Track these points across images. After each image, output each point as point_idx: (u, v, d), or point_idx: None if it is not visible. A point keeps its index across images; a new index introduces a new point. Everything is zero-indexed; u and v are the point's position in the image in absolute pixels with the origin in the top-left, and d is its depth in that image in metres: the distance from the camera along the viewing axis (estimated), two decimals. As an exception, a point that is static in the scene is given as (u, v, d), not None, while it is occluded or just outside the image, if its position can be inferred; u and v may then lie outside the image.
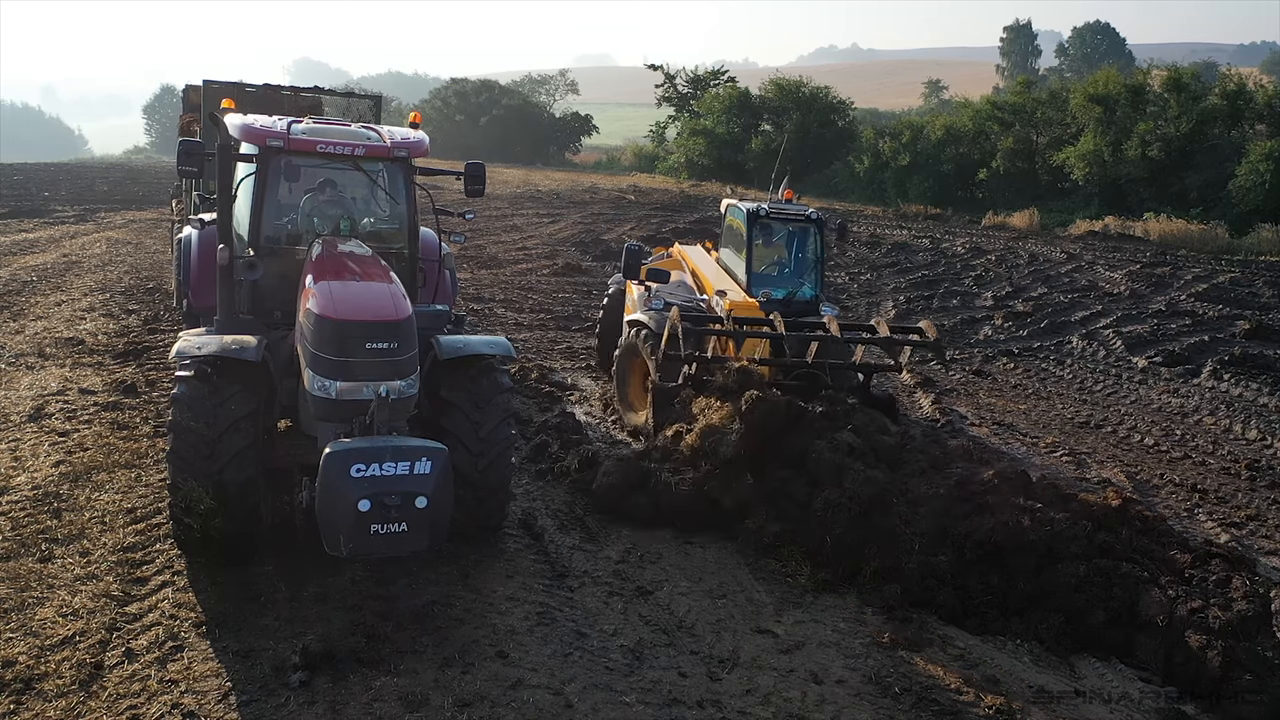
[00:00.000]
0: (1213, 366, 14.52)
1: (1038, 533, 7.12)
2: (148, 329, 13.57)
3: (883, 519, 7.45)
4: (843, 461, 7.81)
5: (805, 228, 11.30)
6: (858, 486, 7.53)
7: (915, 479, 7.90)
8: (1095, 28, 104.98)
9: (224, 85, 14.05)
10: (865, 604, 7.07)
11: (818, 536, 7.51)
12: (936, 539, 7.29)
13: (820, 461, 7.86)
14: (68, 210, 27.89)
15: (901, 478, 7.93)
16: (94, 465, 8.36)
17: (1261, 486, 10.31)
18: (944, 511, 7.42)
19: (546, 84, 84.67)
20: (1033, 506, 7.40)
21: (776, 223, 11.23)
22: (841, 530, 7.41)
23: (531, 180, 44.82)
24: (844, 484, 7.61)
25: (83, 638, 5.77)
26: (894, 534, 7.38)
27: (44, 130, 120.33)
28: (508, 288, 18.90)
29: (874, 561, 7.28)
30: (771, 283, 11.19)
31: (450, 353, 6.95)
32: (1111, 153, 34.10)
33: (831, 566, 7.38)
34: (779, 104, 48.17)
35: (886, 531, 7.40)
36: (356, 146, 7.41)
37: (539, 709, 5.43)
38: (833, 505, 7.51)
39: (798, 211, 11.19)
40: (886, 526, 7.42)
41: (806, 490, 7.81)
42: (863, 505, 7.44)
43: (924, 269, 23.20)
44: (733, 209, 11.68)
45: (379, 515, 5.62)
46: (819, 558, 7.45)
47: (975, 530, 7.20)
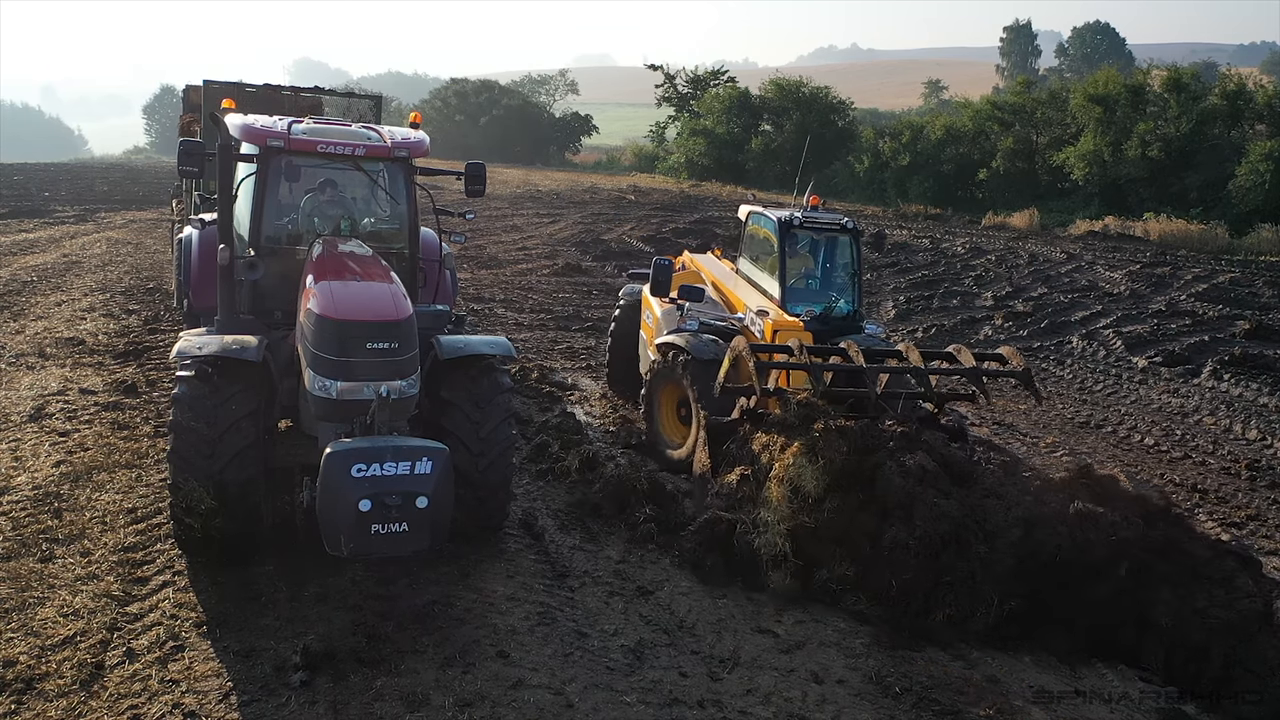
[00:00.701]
0: (1213, 366, 14.52)
1: (1104, 547, 6.66)
2: (148, 329, 13.57)
3: (957, 559, 6.70)
4: (913, 490, 6.96)
5: (840, 237, 10.32)
6: (929, 524, 6.75)
7: (990, 499, 7.09)
8: (1095, 28, 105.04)
9: (224, 85, 14.06)
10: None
11: (885, 579, 6.79)
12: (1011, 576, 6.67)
13: (889, 488, 7.01)
14: (68, 210, 27.90)
15: (975, 498, 7.10)
16: (95, 465, 8.36)
17: (1261, 486, 10.31)
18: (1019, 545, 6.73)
19: (546, 84, 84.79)
20: (1098, 514, 6.85)
21: (808, 232, 10.21)
22: (911, 575, 6.70)
23: (531, 180, 44.83)
24: (914, 519, 6.81)
25: (83, 638, 5.77)
26: (970, 578, 6.66)
27: (44, 130, 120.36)
28: (508, 288, 18.91)
29: (946, 608, 6.65)
30: (802, 297, 10.12)
31: (451, 353, 6.95)
32: (1111, 153, 34.11)
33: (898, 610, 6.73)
34: (779, 104, 48.20)
35: (960, 576, 6.67)
36: (357, 147, 7.41)
37: (540, 709, 5.43)
38: (900, 546, 6.75)
39: (832, 220, 10.21)
40: (961, 571, 6.68)
41: (876, 522, 6.97)
42: (933, 548, 6.69)
43: (924, 269, 23.20)
44: (757, 217, 10.64)
45: (380, 515, 5.62)
46: (886, 600, 6.77)
47: (1041, 550, 6.70)
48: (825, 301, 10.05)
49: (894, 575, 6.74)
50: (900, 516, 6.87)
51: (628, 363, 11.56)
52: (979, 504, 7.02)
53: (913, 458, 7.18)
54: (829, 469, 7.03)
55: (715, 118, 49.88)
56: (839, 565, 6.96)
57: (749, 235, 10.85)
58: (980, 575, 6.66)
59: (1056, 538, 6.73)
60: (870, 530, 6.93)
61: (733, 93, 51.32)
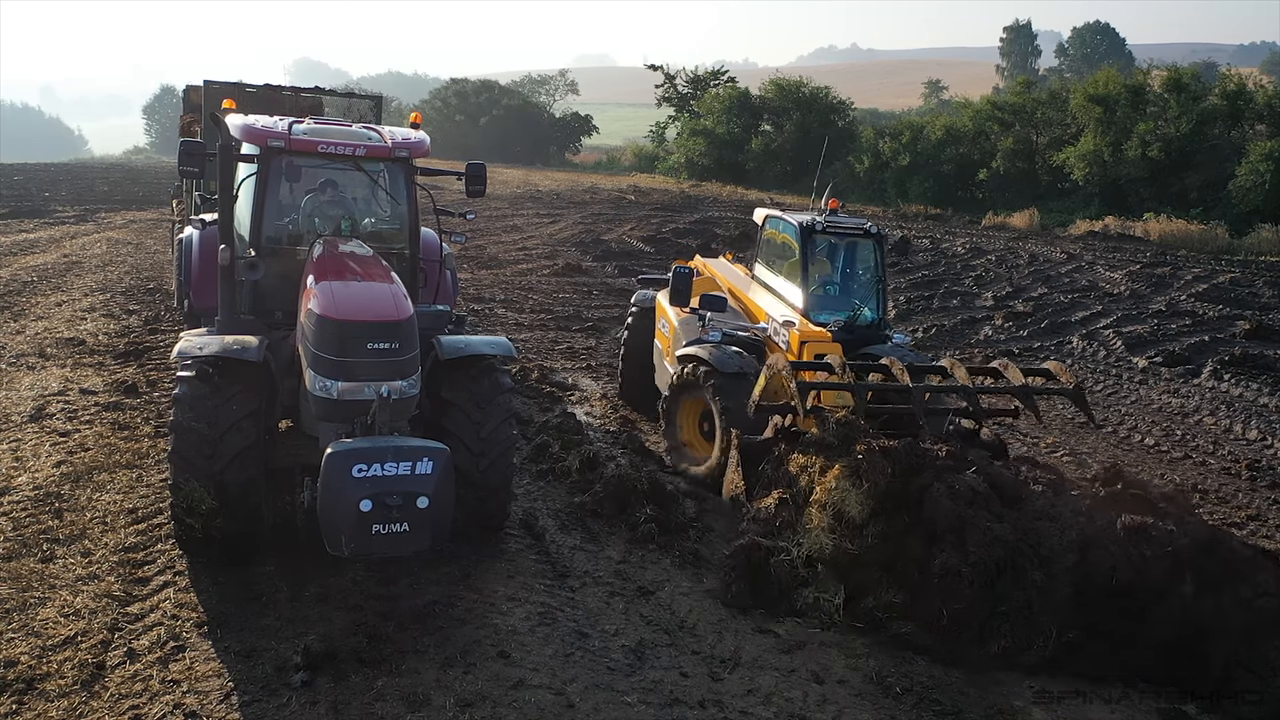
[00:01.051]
0: (1213, 367, 14.52)
1: (1160, 561, 6.34)
2: (148, 329, 13.58)
3: (1013, 588, 6.34)
4: (964, 513, 6.57)
5: (863, 242, 9.99)
6: (983, 549, 6.36)
7: (1043, 522, 6.68)
8: (1095, 28, 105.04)
9: (224, 85, 14.05)
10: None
11: (935, 607, 6.40)
12: (1069, 604, 6.35)
13: (939, 511, 6.63)
14: (68, 210, 27.90)
15: (1028, 521, 6.70)
16: (95, 465, 8.36)
17: (1262, 486, 10.31)
18: (1075, 569, 6.39)
19: (546, 84, 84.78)
20: (1149, 526, 6.52)
21: (830, 237, 9.87)
22: (964, 605, 6.32)
23: (531, 180, 44.83)
24: (966, 544, 6.43)
25: (84, 638, 5.78)
26: (1027, 608, 6.31)
27: (44, 130, 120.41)
28: (508, 288, 18.91)
29: (1002, 640, 6.27)
30: (822, 304, 9.73)
31: (451, 353, 6.95)
32: (1111, 153, 34.12)
33: (950, 640, 6.37)
34: (779, 104, 48.22)
35: (1017, 606, 6.32)
36: (357, 147, 7.42)
37: (541, 709, 5.43)
38: (952, 573, 6.37)
39: (855, 225, 9.84)
40: (1018, 600, 6.32)
41: (924, 546, 6.60)
42: (988, 575, 6.33)
43: (924, 269, 23.18)
44: (775, 221, 10.37)
45: (380, 515, 5.62)
46: (936, 630, 6.39)
47: (1096, 573, 6.38)
48: (848, 309, 9.69)
49: (945, 604, 6.37)
50: (951, 541, 6.50)
51: (641, 372, 11.12)
52: (1032, 527, 6.63)
53: (962, 479, 6.80)
54: (874, 492, 6.68)
55: (715, 118, 49.89)
56: (885, 592, 6.62)
57: (766, 240, 10.56)
58: (1038, 604, 6.30)
59: (1110, 558, 6.36)
60: (918, 556, 6.57)
61: (733, 93, 51.34)
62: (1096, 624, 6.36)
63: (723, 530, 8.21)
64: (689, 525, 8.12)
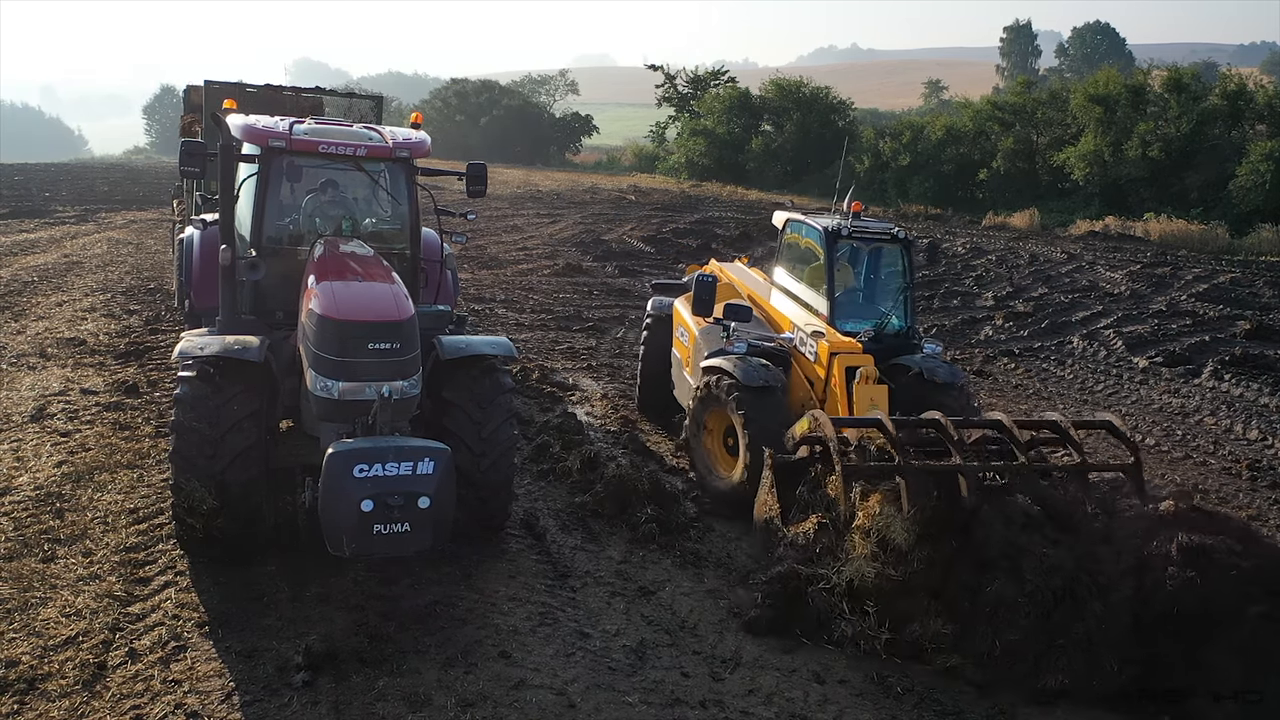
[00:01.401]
0: (1213, 367, 14.51)
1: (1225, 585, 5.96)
2: (149, 329, 13.58)
3: (1072, 618, 6.00)
4: (1018, 539, 6.27)
5: (889, 248, 9.62)
6: (1040, 577, 6.03)
7: (1101, 546, 6.34)
8: (1095, 28, 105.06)
9: (225, 85, 14.04)
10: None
11: (987, 637, 6.08)
12: (1129, 635, 5.99)
13: (991, 536, 6.32)
14: (68, 210, 27.90)
15: (1085, 546, 6.34)
16: (96, 465, 8.37)
17: (1263, 487, 10.30)
18: (1135, 598, 6.03)
19: (546, 84, 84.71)
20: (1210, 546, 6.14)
21: (855, 243, 9.46)
22: (1020, 637, 5.99)
23: (532, 180, 44.83)
24: (1022, 572, 6.12)
25: (86, 638, 5.78)
26: (1087, 640, 5.94)
27: (44, 130, 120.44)
28: (509, 288, 18.91)
29: (1060, 674, 5.92)
30: (847, 312, 9.30)
31: (452, 353, 6.95)
32: (1112, 153, 34.12)
33: (1002, 673, 6.03)
34: (779, 104, 48.23)
35: (1077, 639, 5.96)
36: (358, 147, 7.42)
37: (542, 709, 5.43)
38: (1007, 603, 6.06)
39: (882, 229, 9.46)
40: (1078, 633, 5.96)
41: (974, 573, 6.29)
42: (1046, 605, 6.00)
43: (924, 269, 23.18)
44: (797, 225, 9.95)
45: (382, 515, 5.62)
46: (988, 662, 6.07)
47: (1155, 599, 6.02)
48: (875, 318, 9.27)
49: (998, 635, 6.04)
50: (1005, 569, 6.20)
51: (658, 382, 10.75)
52: (1089, 552, 6.29)
53: (1014, 502, 6.51)
54: (920, 518, 6.44)
55: (715, 118, 49.90)
56: (932, 622, 6.29)
57: (787, 244, 10.13)
58: (1098, 636, 5.93)
59: (1171, 582, 5.98)
60: (968, 584, 6.27)
61: (733, 93, 51.36)
62: (1159, 656, 5.96)
63: (724, 530, 8.23)
64: (690, 525, 8.12)
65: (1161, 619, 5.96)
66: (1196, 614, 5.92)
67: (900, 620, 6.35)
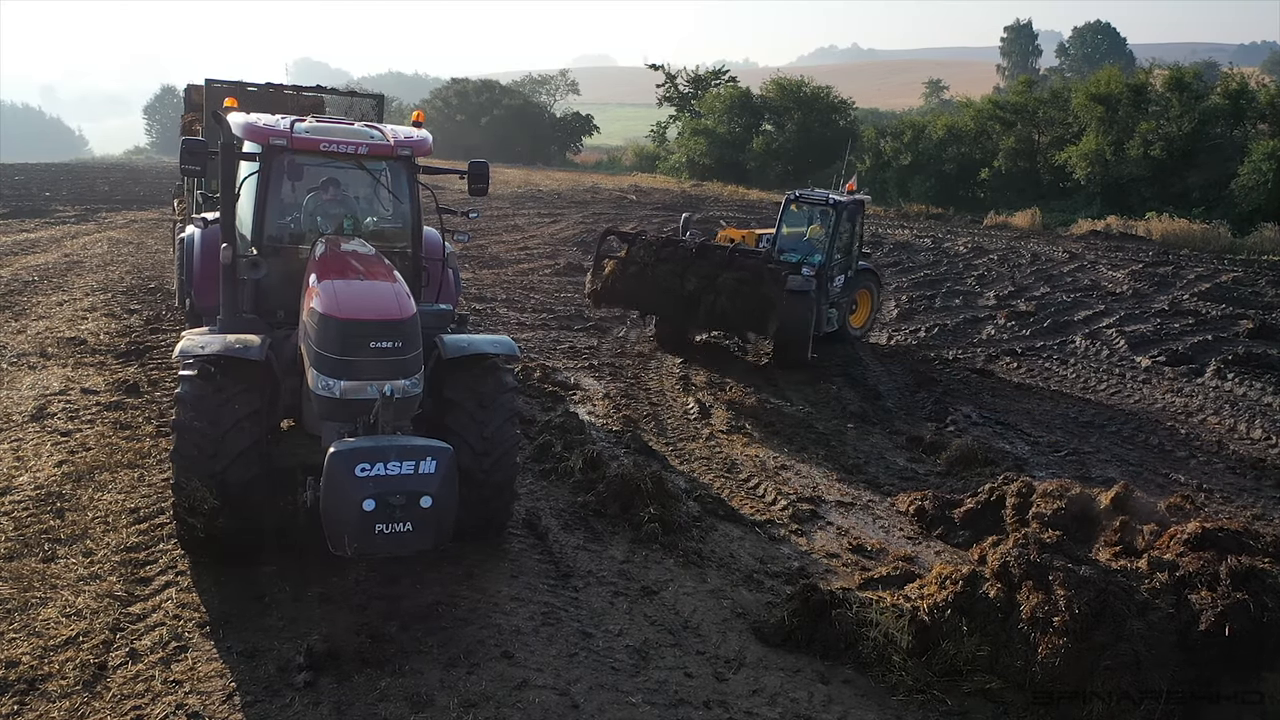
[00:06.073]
0: (1216, 366, 14.48)
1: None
2: (150, 329, 13.55)
3: (1112, 637, 5.73)
4: (1040, 560, 6.13)
5: (825, 210, 14.64)
6: (1072, 594, 5.81)
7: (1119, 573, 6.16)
8: (1095, 28, 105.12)
9: (226, 85, 14.01)
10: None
11: (1023, 657, 5.90)
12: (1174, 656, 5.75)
13: (1009, 558, 6.19)
14: (69, 210, 27.89)
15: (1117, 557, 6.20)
16: (97, 465, 8.34)
17: (1266, 486, 10.26)
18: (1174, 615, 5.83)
19: (547, 84, 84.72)
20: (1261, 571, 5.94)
21: (805, 205, 15.02)
22: (1059, 661, 5.74)
23: (532, 180, 44.82)
24: (1050, 589, 5.93)
25: (86, 638, 5.75)
26: (1134, 662, 5.66)
27: (44, 130, 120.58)
28: (510, 287, 18.89)
29: (1102, 702, 5.62)
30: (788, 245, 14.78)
31: (454, 352, 6.92)
32: (1113, 152, 34.12)
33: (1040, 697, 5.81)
34: (780, 104, 48.27)
35: (1123, 661, 5.68)
36: (360, 145, 7.38)
37: (544, 709, 5.41)
38: (1039, 624, 5.86)
39: (820, 198, 14.90)
40: (1124, 654, 5.68)
41: (1005, 594, 6.12)
42: (1081, 623, 5.75)
43: (926, 268, 23.16)
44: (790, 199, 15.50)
45: (384, 515, 5.59)
46: (1025, 685, 5.88)
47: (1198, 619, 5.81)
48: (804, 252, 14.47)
49: (1033, 656, 5.86)
50: (1033, 587, 6.03)
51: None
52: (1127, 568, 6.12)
53: (1031, 534, 6.35)
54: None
55: (716, 118, 49.96)
56: (968, 641, 6.13)
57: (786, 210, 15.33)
58: (1145, 658, 5.66)
59: (1215, 602, 5.81)
60: (1000, 603, 6.12)
61: (733, 93, 51.39)
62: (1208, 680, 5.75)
63: (727, 530, 8.20)
64: (692, 525, 8.09)
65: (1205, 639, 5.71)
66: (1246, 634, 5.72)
67: (930, 641, 6.21)
